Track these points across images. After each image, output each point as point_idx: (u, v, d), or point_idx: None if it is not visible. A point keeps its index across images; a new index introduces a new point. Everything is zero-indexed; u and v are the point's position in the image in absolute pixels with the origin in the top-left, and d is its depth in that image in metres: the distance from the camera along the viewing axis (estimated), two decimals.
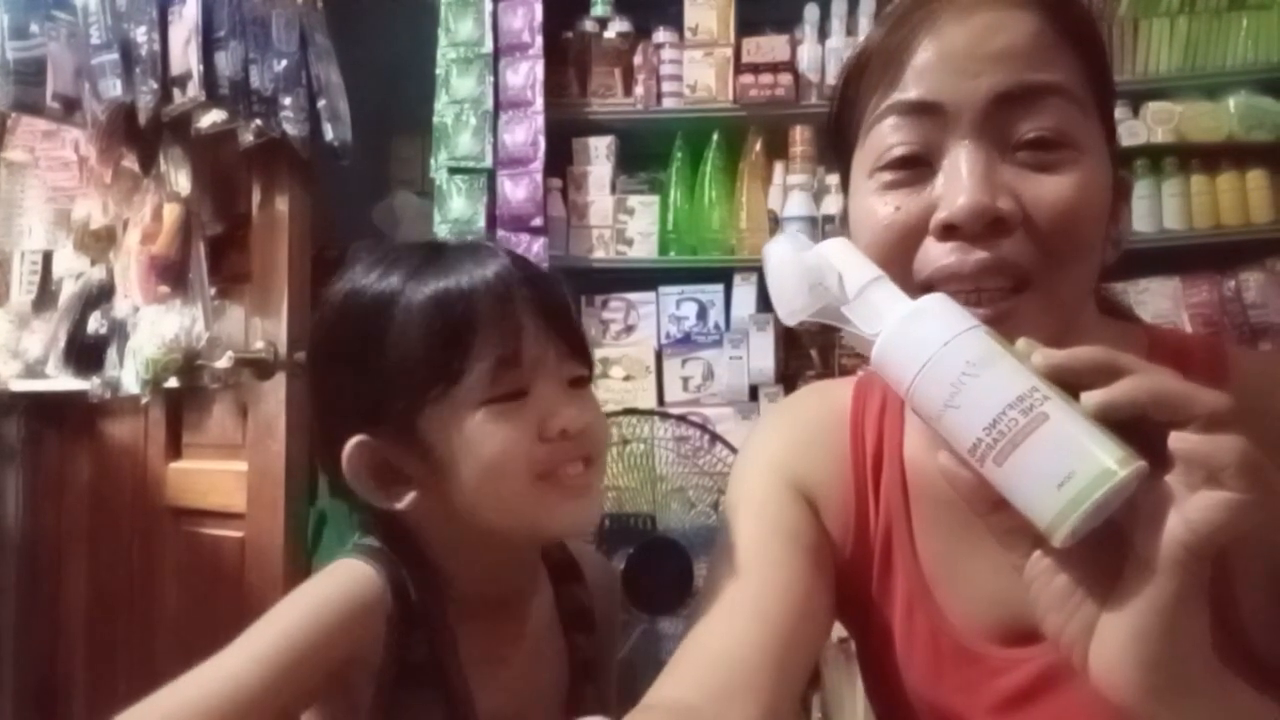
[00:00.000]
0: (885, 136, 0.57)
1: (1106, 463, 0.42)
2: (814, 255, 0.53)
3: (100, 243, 2.18)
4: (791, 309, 0.54)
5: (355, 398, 0.65)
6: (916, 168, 0.56)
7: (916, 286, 0.55)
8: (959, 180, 0.53)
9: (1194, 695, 0.45)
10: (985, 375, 0.45)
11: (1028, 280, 0.54)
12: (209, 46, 1.72)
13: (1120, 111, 2.00)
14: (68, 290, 2.31)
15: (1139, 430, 0.43)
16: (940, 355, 0.47)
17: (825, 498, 0.68)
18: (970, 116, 0.54)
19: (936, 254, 0.55)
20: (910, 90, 0.56)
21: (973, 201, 0.52)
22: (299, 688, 0.61)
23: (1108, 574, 0.45)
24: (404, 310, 0.63)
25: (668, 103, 2.07)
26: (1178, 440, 0.42)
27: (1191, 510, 0.42)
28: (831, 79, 2.02)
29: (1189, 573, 0.42)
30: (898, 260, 0.56)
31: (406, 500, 0.65)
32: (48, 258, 2.42)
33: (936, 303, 0.50)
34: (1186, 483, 0.42)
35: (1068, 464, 0.43)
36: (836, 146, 0.65)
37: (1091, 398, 0.43)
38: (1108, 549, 0.45)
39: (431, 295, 0.63)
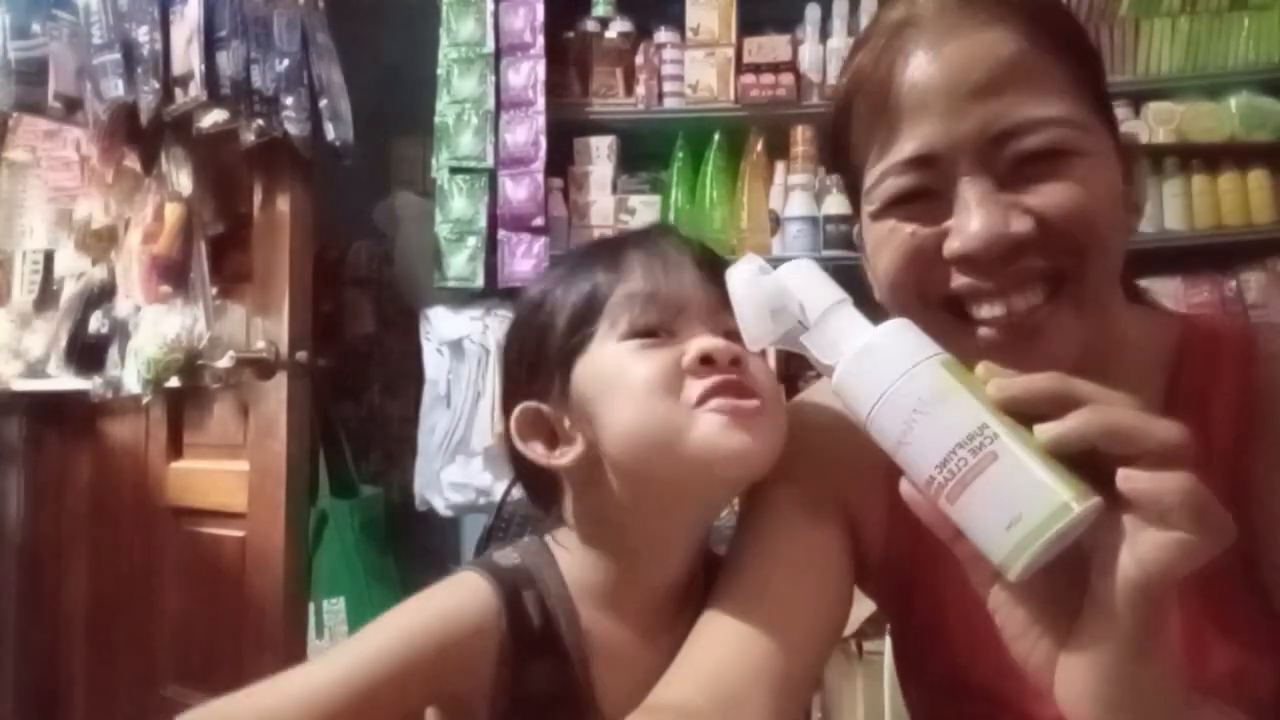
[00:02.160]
0: (891, 188, 0.57)
1: (1053, 505, 0.42)
2: (774, 281, 0.53)
3: (102, 242, 2.19)
4: (754, 336, 0.54)
5: (524, 366, 0.67)
6: (925, 200, 0.56)
7: (940, 302, 0.56)
8: (968, 212, 0.53)
9: None
10: (935, 413, 0.45)
11: (1057, 286, 0.54)
12: (210, 46, 1.72)
13: (1121, 112, 2.00)
14: (69, 290, 2.31)
15: (1096, 460, 0.43)
16: (892, 393, 0.47)
17: (858, 489, 0.66)
18: (967, 155, 0.54)
19: (960, 275, 0.55)
20: (904, 147, 0.55)
21: (984, 230, 0.52)
22: (391, 701, 0.58)
23: (1069, 604, 0.45)
24: (561, 281, 0.67)
25: (669, 103, 2.07)
26: (1125, 479, 0.42)
27: (1142, 549, 0.41)
28: (833, 79, 2.01)
29: (1143, 612, 0.42)
30: (920, 281, 0.56)
31: (570, 456, 0.63)
32: (49, 257, 2.42)
33: (893, 333, 0.49)
34: (1139, 520, 0.42)
35: (1015, 506, 0.43)
36: (844, 181, 0.65)
37: (1044, 432, 0.43)
38: (1068, 580, 0.45)
39: (586, 257, 0.67)
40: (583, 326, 0.63)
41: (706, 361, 0.60)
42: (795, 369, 2.05)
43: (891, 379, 0.47)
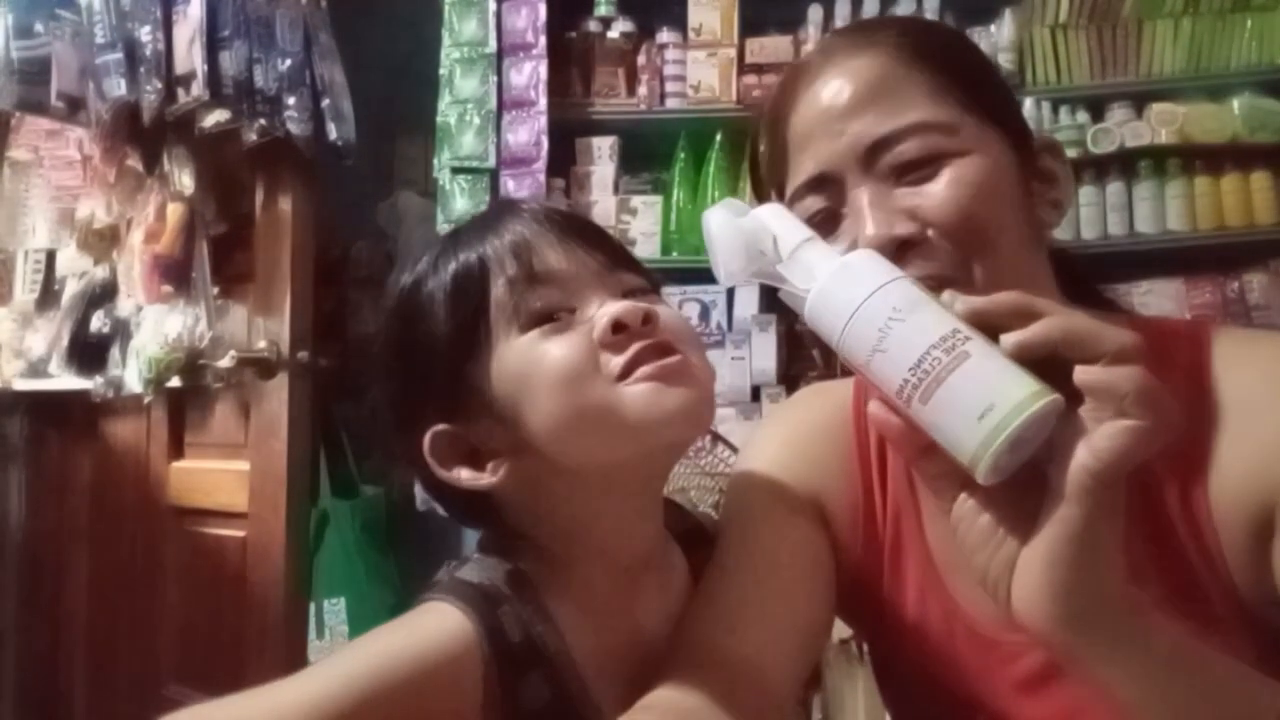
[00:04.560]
0: (798, 212, 0.61)
1: (1024, 394, 0.45)
2: (750, 220, 0.56)
3: (104, 242, 2.19)
4: (730, 270, 0.57)
5: (417, 390, 0.63)
6: (831, 221, 0.61)
7: None
8: (861, 220, 0.59)
9: (1110, 626, 0.47)
10: (910, 319, 0.48)
11: (950, 283, 0.56)
12: (213, 46, 1.73)
13: (1124, 113, 2.00)
14: (71, 289, 2.31)
15: (1057, 371, 0.46)
16: (869, 303, 0.49)
17: (832, 497, 0.68)
18: (851, 168, 0.60)
19: None
20: (801, 172, 0.62)
21: (874, 235, 0.57)
22: None
23: (1029, 515, 0.47)
24: (429, 285, 0.62)
25: (671, 103, 2.07)
26: (1082, 372, 0.45)
27: (1097, 439, 0.44)
28: None
29: (1096, 499, 0.44)
30: None
31: (501, 472, 0.60)
32: (51, 257, 2.42)
33: (865, 257, 0.53)
34: (1095, 416, 0.44)
35: (988, 397, 0.45)
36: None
37: (1009, 338, 0.46)
38: (1029, 491, 0.47)
39: (450, 260, 0.62)
40: (472, 331, 0.59)
41: (619, 329, 0.57)
42: (797, 369, 2.05)
43: (868, 292, 0.49)
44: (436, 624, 0.57)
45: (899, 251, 0.57)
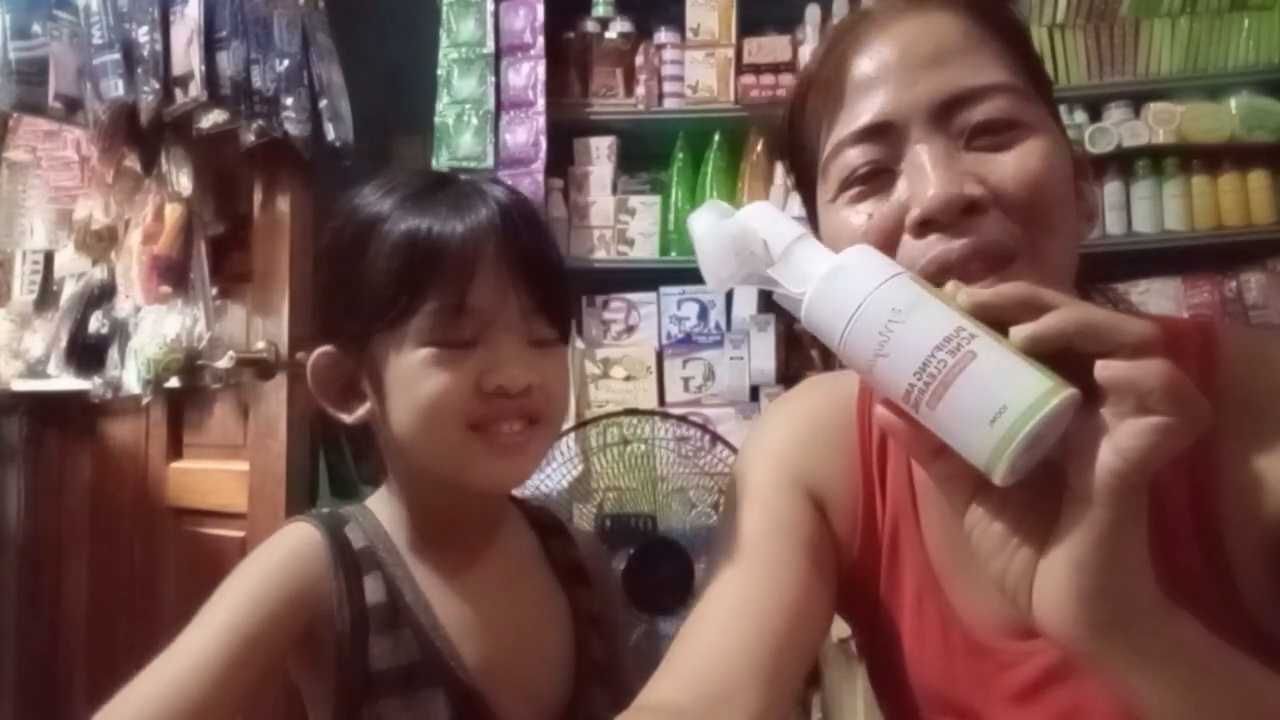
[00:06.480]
0: (846, 163, 0.58)
1: (1036, 393, 0.42)
2: (735, 222, 0.54)
3: (102, 243, 2.19)
4: (719, 277, 0.54)
5: (330, 308, 0.70)
6: (880, 178, 0.57)
7: None
8: (924, 176, 0.54)
9: (1139, 629, 0.45)
10: (911, 320, 0.45)
11: (1013, 255, 0.54)
12: (211, 46, 1.72)
13: (1121, 112, 2.00)
14: (69, 290, 2.31)
15: (1070, 364, 0.43)
16: (866, 306, 0.47)
17: (832, 493, 0.67)
18: (919, 121, 0.56)
19: (919, 249, 0.55)
20: (859, 117, 0.57)
21: (942, 192, 0.53)
22: (265, 654, 0.62)
23: (1047, 515, 0.45)
24: (380, 238, 0.65)
25: (669, 103, 2.07)
26: (1104, 367, 0.42)
27: (1121, 438, 0.42)
28: None
29: (1124, 501, 0.42)
30: None
31: (358, 414, 0.69)
32: (49, 257, 2.42)
33: (859, 254, 0.50)
34: (1117, 412, 0.42)
35: (998, 399, 0.42)
36: (796, 178, 0.67)
37: (1019, 331, 0.44)
38: (1046, 489, 0.45)
39: (405, 230, 0.65)
40: (394, 314, 0.64)
41: (499, 391, 0.64)
42: (796, 369, 2.05)
43: (864, 294, 0.47)
44: (291, 536, 0.68)
45: (963, 214, 0.53)
